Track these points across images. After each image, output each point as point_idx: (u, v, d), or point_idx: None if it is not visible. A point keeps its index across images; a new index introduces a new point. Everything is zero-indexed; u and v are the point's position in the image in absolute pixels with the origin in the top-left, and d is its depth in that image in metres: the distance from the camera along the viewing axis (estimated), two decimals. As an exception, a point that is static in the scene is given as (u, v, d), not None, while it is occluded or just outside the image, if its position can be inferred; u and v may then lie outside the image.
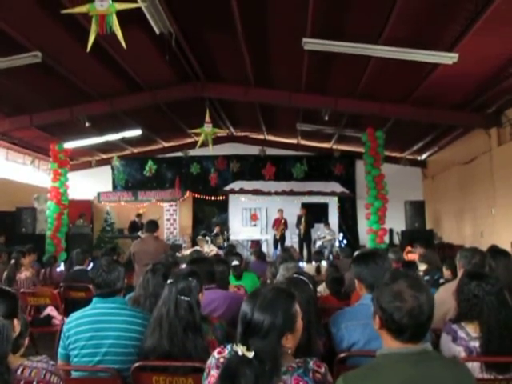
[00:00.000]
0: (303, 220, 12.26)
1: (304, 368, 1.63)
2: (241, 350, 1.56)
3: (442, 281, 4.27)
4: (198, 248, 8.87)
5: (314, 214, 13.27)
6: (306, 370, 1.63)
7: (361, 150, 11.54)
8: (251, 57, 8.14)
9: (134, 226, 12.34)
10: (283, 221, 12.76)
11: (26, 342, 2.00)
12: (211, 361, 1.75)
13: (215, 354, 1.76)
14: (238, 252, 6.51)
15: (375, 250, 3.16)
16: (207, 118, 9.83)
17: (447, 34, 6.44)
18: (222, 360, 1.72)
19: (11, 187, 11.94)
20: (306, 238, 12.42)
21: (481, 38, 6.21)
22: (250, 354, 1.54)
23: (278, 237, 12.76)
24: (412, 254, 6.82)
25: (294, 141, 14.48)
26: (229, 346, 1.76)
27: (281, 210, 12.94)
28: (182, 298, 2.25)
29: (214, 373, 1.70)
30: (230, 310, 2.93)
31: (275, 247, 12.84)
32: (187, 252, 10.01)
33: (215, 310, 2.99)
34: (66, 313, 4.64)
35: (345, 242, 13.69)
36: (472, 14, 5.78)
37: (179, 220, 14.93)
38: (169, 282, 2.33)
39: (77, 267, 5.66)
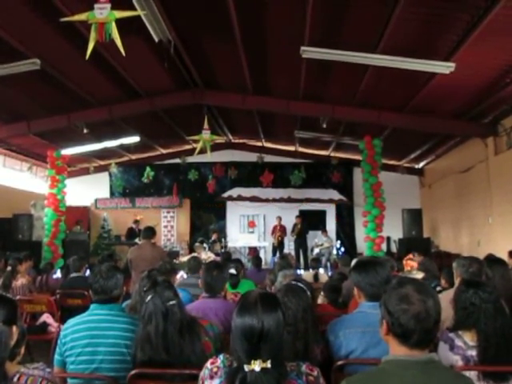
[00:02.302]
0: (297, 228, 12.42)
1: (297, 371, 1.65)
2: (258, 365, 1.52)
3: (438, 289, 4.27)
4: (195, 255, 8.84)
5: (312, 221, 13.41)
6: (299, 373, 1.65)
7: (358, 157, 11.58)
8: (249, 64, 8.18)
9: (132, 233, 12.31)
10: (279, 227, 12.82)
11: (22, 350, 1.99)
12: (204, 372, 1.74)
13: (208, 364, 1.75)
14: (239, 259, 6.46)
15: (375, 257, 3.15)
16: (205, 125, 9.86)
17: (444, 44, 6.50)
18: (215, 370, 1.71)
19: (8, 194, 11.90)
20: (301, 246, 12.53)
21: (477, 47, 6.27)
22: (268, 364, 1.53)
23: (275, 244, 12.81)
24: (411, 262, 6.84)
25: (291, 148, 14.52)
26: (221, 356, 1.75)
27: (279, 217, 13.04)
28: (171, 303, 2.21)
29: (209, 383, 1.70)
30: (227, 321, 2.90)
31: (273, 254, 12.88)
32: (185, 259, 9.98)
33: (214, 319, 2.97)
34: (62, 320, 4.61)
35: (342, 249, 13.70)
36: (469, 24, 5.84)
37: (177, 227, 14.89)
38: (149, 297, 2.23)
39: (73, 274, 5.62)
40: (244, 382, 1.53)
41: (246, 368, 1.54)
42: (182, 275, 5.93)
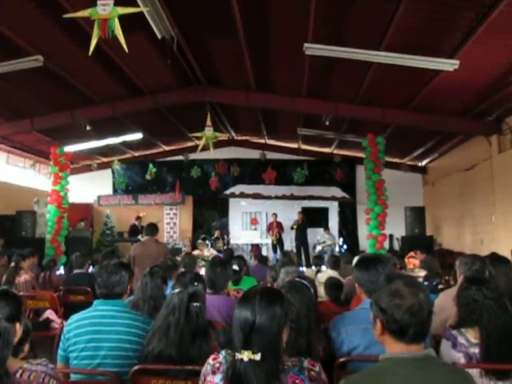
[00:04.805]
0: (298, 223, 12.46)
1: (299, 367, 1.68)
2: (246, 355, 1.57)
3: (440, 287, 4.27)
4: (196, 251, 8.84)
5: (314, 218, 13.40)
6: (301, 368, 1.68)
7: (361, 155, 11.55)
8: (253, 61, 8.16)
9: (134, 230, 12.33)
10: (275, 224, 12.85)
11: (26, 348, 1.99)
12: (206, 368, 1.77)
13: (210, 360, 1.78)
14: (241, 255, 6.46)
15: (377, 255, 3.16)
16: (208, 122, 9.84)
17: (448, 42, 6.47)
18: (217, 365, 1.74)
19: (12, 191, 11.95)
20: (302, 243, 12.54)
21: (481, 45, 6.24)
22: (257, 356, 1.56)
23: (274, 241, 12.82)
24: (414, 260, 6.83)
25: (294, 145, 14.49)
26: (223, 352, 1.78)
27: (274, 214, 13.11)
28: (194, 304, 2.25)
29: (211, 379, 1.72)
30: (230, 318, 2.91)
31: (274, 251, 12.89)
32: (187, 256, 9.98)
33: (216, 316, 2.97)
34: (65, 316, 4.63)
35: (345, 247, 13.69)
36: (473, 21, 5.81)
37: (179, 224, 14.92)
38: (177, 290, 2.30)
39: (76, 271, 5.65)
40: (234, 370, 1.59)
41: (237, 356, 1.60)
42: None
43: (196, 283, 2.34)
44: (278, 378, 1.60)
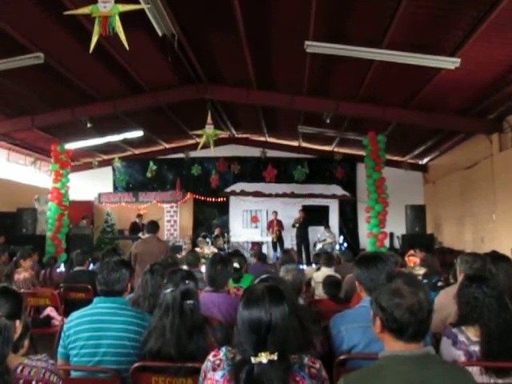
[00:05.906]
0: (298, 221, 12.46)
1: (299, 364, 1.66)
2: (265, 357, 1.54)
3: (440, 284, 4.27)
4: (197, 249, 8.84)
5: (315, 216, 13.41)
6: (302, 365, 1.66)
7: (362, 153, 11.54)
8: (253, 59, 8.15)
9: (135, 227, 12.34)
10: (276, 222, 12.85)
11: (26, 343, 2.00)
12: (207, 364, 1.76)
13: (210, 357, 1.77)
14: (242, 253, 6.46)
15: (378, 253, 3.17)
16: (209, 120, 9.85)
17: (450, 39, 6.45)
18: (217, 362, 1.72)
19: (12, 188, 11.96)
20: (303, 241, 12.55)
21: (483, 43, 6.23)
22: (275, 356, 1.54)
23: (274, 239, 12.83)
24: (414, 258, 6.83)
25: (295, 143, 14.49)
26: (223, 349, 1.77)
27: (275, 212, 13.16)
28: (188, 302, 2.24)
29: (211, 375, 1.71)
30: (230, 316, 2.90)
31: (274, 249, 12.91)
32: (187, 254, 9.98)
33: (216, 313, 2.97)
34: (66, 314, 4.64)
35: (345, 245, 13.70)
36: (474, 19, 5.79)
37: (180, 221, 14.92)
38: (169, 290, 2.28)
39: (77, 268, 5.65)
40: (251, 375, 1.55)
41: (254, 360, 1.55)
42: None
43: (187, 281, 2.32)
44: (292, 372, 1.59)
